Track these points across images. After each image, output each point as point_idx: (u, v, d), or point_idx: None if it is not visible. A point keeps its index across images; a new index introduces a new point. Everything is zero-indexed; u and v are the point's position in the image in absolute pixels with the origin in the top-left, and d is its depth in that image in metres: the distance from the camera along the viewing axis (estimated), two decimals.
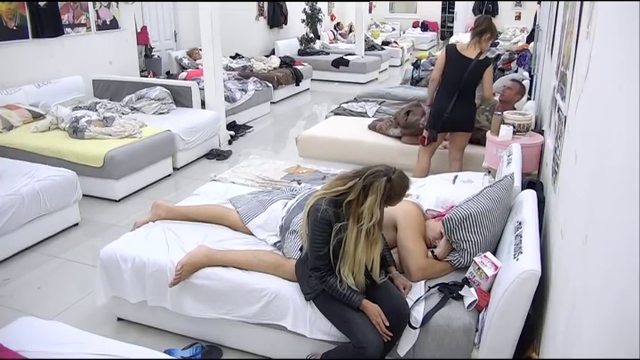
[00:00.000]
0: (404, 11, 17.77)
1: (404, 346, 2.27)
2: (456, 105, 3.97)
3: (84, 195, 4.18)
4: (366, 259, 2.23)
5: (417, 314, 2.28)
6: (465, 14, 15.10)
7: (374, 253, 2.25)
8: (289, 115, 8.28)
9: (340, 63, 10.47)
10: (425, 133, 4.18)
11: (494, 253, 2.43)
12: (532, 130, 3.80)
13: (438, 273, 2.51)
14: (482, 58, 3.97)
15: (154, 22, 7.96)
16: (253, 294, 2.48)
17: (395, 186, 2.16)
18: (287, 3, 11.11)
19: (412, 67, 8.53)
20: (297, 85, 9.20)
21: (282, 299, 2.43)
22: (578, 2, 2.22)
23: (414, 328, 2.24)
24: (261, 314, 2.48)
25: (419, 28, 16.89)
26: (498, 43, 11.85)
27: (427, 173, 4.15)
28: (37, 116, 5.18)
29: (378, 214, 2.18)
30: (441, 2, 17.17)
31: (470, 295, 2.28)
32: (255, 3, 10.27)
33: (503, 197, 2.62)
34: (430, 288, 2.40)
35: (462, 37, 10.51)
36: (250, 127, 7.05)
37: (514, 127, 3.69)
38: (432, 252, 2.60)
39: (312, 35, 11.91)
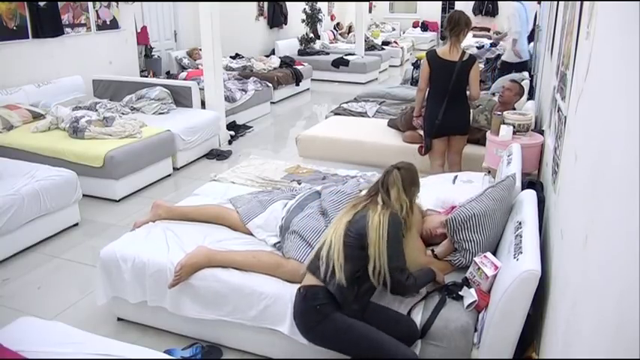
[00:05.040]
0: (404, 11, 17.75)
1: None
2: (447, 110, 3.93)
3: (84, 195, 4.18)
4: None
5: (416, 318, 2.28)
6: None
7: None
8: (289, 115, 8.28)
9: (340, 63, 10.47)
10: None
11: (494, 253, 2.43)
12: (532, 130, 3.79)
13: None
14: (465, 58, 3.90)
15: (154, 22, 7.96)
16: (252, 296, 2.47)
17: (408, 171, 2.33)
18: (287, 3, 11.11)
19: (412, 67, 8.54)
20: (297, 85, 9.20)
21: (281, 304, 2.42)
22: (578, 2, 2.22)
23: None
24: (259, 318, 2.47)
25: (419, 28, 16.87)
26: (498, 42, 11.83)
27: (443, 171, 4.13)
28: (37, 116, 5.18)
29: (407, 201, 2.29)
30: (440, 2, 17.16)
31: (469, 295, 2.28)
32: (255, 3, 10.27)
33: (505, 197, 2.62)
34: (429, 292, 2.39)
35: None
36: (250, 127, 7.05)
37: (514, 127, 3.68)
38: (433, 250, 2.60)
39: (312, 35, 11.91)
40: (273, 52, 10.47)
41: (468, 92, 4.03)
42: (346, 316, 2.17)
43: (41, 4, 5.54)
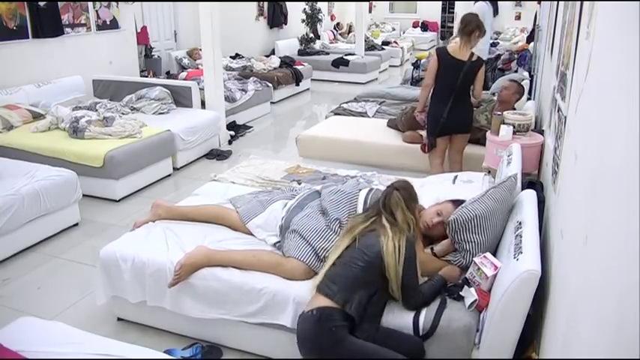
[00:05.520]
0: (404, 11, 17.76)
1: None
2: (452, 109, 3.95)
3: (84, 195, 4.18)
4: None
5: (419, 320, 2.28)
6: None
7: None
8: (289, 115, 8.28)
9: (340, 63, 10.47)
10: (425, 140, 4.19)
11: (494, 253, 2.43)
12: (532, 130, 3.80)
13: (437, 270, 2.50)
14: (474, 59, 3.93)
15: (154, 22, 7.96)
16: (252, 293, 2.48)
17: (406, 190, 2.41)
18: (287, 3, 11.11)
19: (412, 67, 8.54)
20: (297, 85, 9.20)
21: (282, 298, 2.43)
22: (578, 2, 2.22)
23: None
24: (260, 313, 2.48)
25: (419, 28, 16.88)
26: (498, 43, 11.84)
27: (442, 170, 4.15)
28: (37, 116, 5.18)
29: (412, 218, 2.36)
30: (440, 2, 17.16)
31: (470, 295, 2.28)
32: (255, 3, 10.27)
33: (506, 198, 2.62)
34: None
35: None
36: (250, 127, 7.05)
37: (514, 127, 3.69)
38: (432, 249, 2.60)
39: (312, 35, 11.91)
40: (273, 52, 10.47)
41: (470, 92, 4.07)
42: (358, 338, 2.14)
43: (41, 4, 5.54)
